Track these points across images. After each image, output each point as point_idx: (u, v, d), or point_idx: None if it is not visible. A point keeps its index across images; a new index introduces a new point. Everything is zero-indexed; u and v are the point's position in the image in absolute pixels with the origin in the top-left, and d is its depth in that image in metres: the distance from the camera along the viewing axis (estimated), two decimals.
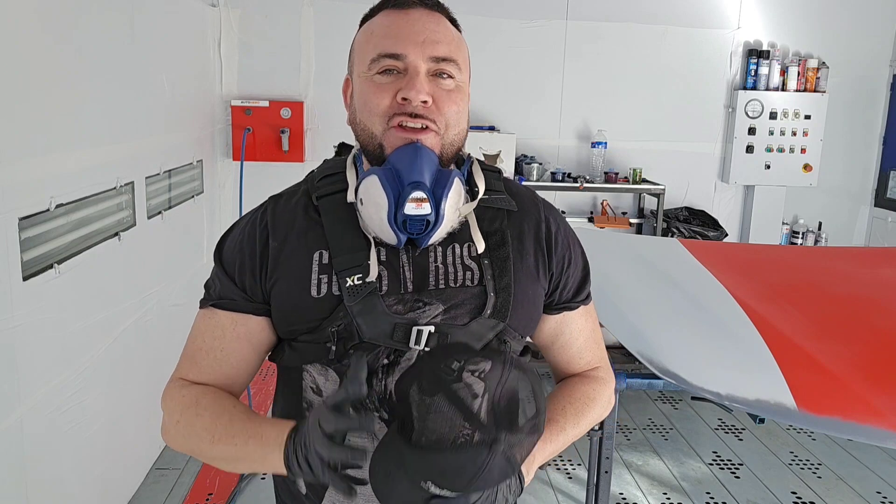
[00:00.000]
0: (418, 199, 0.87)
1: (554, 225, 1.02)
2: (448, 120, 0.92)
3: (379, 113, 0.91)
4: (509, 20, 4.18)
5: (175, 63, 3.16)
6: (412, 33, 0.91)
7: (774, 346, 1.86)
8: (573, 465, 3.14)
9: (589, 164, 4.28)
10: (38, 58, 1.93)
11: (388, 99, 0.90)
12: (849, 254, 3.33)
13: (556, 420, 0.99)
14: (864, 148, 4.65)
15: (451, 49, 0.92)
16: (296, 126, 3.95)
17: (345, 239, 0.93)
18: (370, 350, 0.91)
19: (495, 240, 0.96)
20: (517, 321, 0.96)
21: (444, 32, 0.93)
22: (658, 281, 2.37)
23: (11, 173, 1.78)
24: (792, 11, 4.38)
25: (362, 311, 0.90)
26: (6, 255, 1.77)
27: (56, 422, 2.05)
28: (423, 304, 0.92)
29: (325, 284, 0.92)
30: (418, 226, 0.88)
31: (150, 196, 2.78)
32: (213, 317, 0.98)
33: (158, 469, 2.95)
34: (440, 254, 0.95)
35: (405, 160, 0.89)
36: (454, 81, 0.93)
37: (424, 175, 0.88)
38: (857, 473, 3.14)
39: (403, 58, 0.90)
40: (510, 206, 1.00)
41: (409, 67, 0.90)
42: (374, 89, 0.91)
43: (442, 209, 0.89)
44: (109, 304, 2.40)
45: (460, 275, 0.94)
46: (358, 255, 0.92)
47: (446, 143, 0.93)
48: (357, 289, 0.90)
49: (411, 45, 0.90)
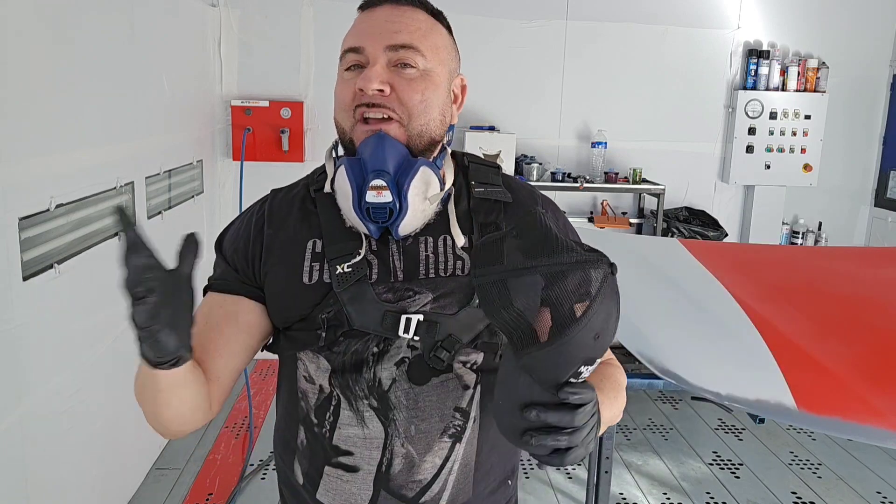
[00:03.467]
0: (378, 188, 0.88)
1: (552, 220, 1.02)
2: (411, 109, 0.92)
3: (344, 107, 0.93)
4: (509, 20, 4.18)
5: (175, 63, 3.16)
6: (372, 27, 0.93)
7: (774, 346, 1.86)
8: (573, 465, 3.14)
9: (589, 164, 4.28)
10: (38, 58, 1.93)
11: (351, 92, 0.92)
12: (849, 254, 3.33)
13: (602, 389, 0.91)
14: (864, 148, 4.65)
15: (414, 37, 0.92)
16: (296, 126, 3.95)
17: (338, 229, 0.95)
18: (360, 338, 0.92)
19: (489, 231, 0.96)
20: None
21: (407, 23, 0.93)
22: (658, 281, 2.36)
23: (11, 173, 1.78)
24: (792, 11, 4.38)
25: (352, 299, 0.91)
26: (6, 255, 1.77)
27: (56, 422, 2.05)
28: (412, 293, 0.92)
29: (317, 272, 0.94)
30: (381, 214, 0.89)
31: (150, 196, 2.78)
32: (208, 299, 1.00)
33: (158, 469, 2.95)
34: (430, 244, 0.95)
35: (368, 149, 0.91)
36: (416, 70, 0.92)
37: (387, 164, 0.89)
38: (857, 473, 3.14)
39: (362, 50, 0.92)
40: (506, 198, 1.01)
41: (368, 60, 0.92)
42: (341, 85, 0.95)
43: (405, 197, 0.89)
44: (109, 304, 2.40)
45: (450, 264, 0.94)
46: (349, 244, 0.94)
47: (413, 133, 0.93)
48: (346, 276, 0.92)
49: (369, 37, 0.92)
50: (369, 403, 0.93)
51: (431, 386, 0.93)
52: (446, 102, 0.97)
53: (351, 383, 0.93)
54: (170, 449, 3.10)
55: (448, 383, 0.94)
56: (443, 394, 0.94)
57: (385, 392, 0.93)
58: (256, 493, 2.82)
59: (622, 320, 0.76)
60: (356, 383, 0.93)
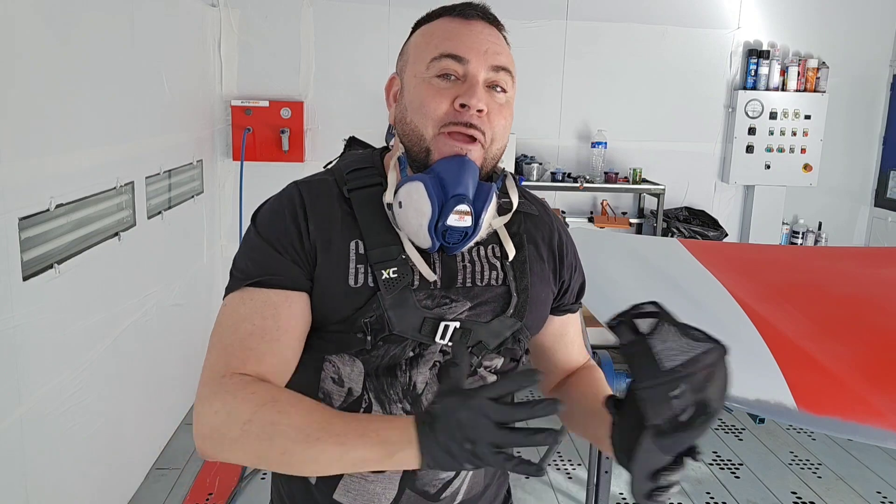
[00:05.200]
0: (462, 213, 0.89)
1: (564, 235, 1.08)
2: (495, 134, 0.94)
3: (434, 117, 0.91)
4: (509, 20, 4.04)
5: (175, 63, 3.16)
6: (475, 42, 0.92)
7: (774, 346, 1.86)
8: (573, 465, 3.14)
9: (589, 164, 4.28)
10: (38, 58, 1.93)
11: (446, 104, 0.91)
12: (849, 254, 3.33)
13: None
14: (864, 148, 4.65)
15: (509, 62, 0.95)
16: (296, 126, 3.95)
17: (379, 232, 0.94)
18: (398, 343, 0.93)
19: (516, 242, 1.00)
20: (531, 321, 1.00)
21: (503, 46, 0.96)
22: (658, 281, 2.36)
23: (11, 173, 1.79)
24: (792, 11, 4.38)
25: (394, 305, 0.92)
26: (6, 255, 1.77)
27: (56, 422, 2.05)
28: (450, 301, 0.94)
29: (362, 275, 0.92)
30: (457, 236, 0.91)
31: (150, 196, 2.78)
32: (258, 296, 0.90)
33: (158, 469, 2.95)
34: (467, 253, 0.97)
35: (452, 171, 0.90)
36: (506, 96, 0.94)
37: (469, 188, 0.90)
38: (857, 473, 3.14)
39: (465, 62, 0.91)
40: (531, 210, 1.05)
41: (468, 74, 0.91)
42: (432, 92, 0.92)
43: (480, 222, 0.91)
44: (109, 304, 2.40)
45: (487, 274, 0.97)
46: (391, 248, 0.93)
47: (489, 157, 0.95)
48: (393, 282, 0.92)
49: (473, 52, 0.91)
50: (402, 407, 0.95)
51: None
52: None
53: (385, 387, 0.94)
54: (170, 449, 3.10)
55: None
56: None
57: (419, 395, 0.95)
58: (256, 493, 2.82)
59: None
60: (391, 387, 0.94)
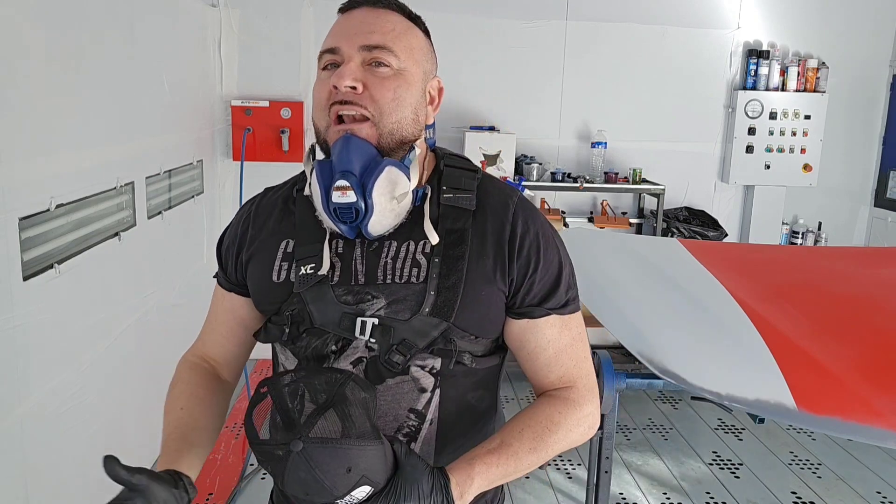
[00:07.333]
0: (342, 188, 0.91)
1: (522, 228, 0.99)
2: (383, 106, 0.93)
3: (320, 105, 0.96)
4: (509, 20, 4.18)
5: (175, 63, 3.16)
6: (347, 29, 0.95)
7: (774, 346, 1.86)
8: (573, 465, 3.14)
9: (589, 164, 4.28)
10: (38, 58, 1.93)
11: (326, 91, 0.95)
12: (849, 254, 3.33)
13: (509, 444, 0.94)
14: (864, 148, 4.65)
15: (387, 38, 0.94)
16: (296, 126, 3.95)
17: (309, 230, 1.00)
18: (319, 336, 0.97)
19: (453, 238, 0.97)
20: (465, 321, 0.95)
21: (382, 24, 0.95)
22: (658, 281, 2.37)
23: (11, 173, 1.78)
24: (792, 11, 4.38)
25: (314, 299, 0.96)
26: (6, 255, 1.77)
27: (56, 422, 2.05)
28: (370, 297, 0.96)
29: (285, 271, 1.00)
30: (348, 214, 0.92)
31: (151, 196, 2.78)
32: (215, 292, 1.12)
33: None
34: (394, 249, 0.97)
35: (336, 150, 0.93)
36: (390, 69, 0.94)
37: (353, 164, 0.92)
38: (857, 473, 3.15)
39: (338, 51, 0.94)
40: (470, 206, 0.99)
41: (343, 59, 0.94)
42: (317, 85, 0.97)
43: (370, 198, 0.91)
44: (109, 304, 2.40)
45: (406, 271, 0.96)
46: (315, 245, 0.98)
47: (384, 132, 0.94)
48: (308, 277, 0.96)
49: (344, 39, 0.95)
50: None
51: (386, 387, 0.96)
52: (420, 102, 0.98)
53: None
54: None
55: (403, 385, 0.96)
56: (398, 395, 0.96)
57: None
58: (256, 493, 2.82)
59: (622, 320, 0.78)
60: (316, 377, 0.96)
